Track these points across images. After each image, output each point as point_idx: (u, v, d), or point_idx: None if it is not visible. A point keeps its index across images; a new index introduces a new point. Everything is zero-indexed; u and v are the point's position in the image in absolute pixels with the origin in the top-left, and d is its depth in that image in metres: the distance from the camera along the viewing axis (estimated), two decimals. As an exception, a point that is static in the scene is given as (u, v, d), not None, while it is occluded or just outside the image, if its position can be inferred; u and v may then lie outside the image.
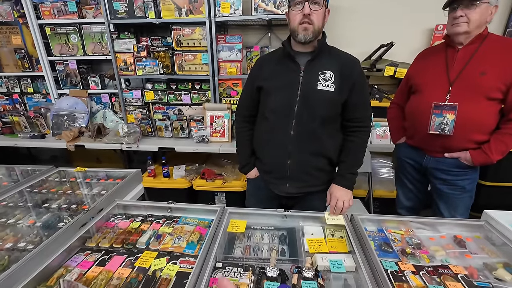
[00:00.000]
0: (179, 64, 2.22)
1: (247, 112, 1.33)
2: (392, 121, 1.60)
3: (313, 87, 1.12)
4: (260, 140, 1.29)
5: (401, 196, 1.63)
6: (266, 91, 1.20)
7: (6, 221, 1.09)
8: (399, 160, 1.60)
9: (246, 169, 1.36)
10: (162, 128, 2.39)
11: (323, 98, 1.13)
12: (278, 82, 1.17)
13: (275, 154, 1.23)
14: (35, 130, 2.56)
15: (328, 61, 1.14)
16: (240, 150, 1.38)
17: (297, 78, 1.14)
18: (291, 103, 1.15)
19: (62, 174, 1.54)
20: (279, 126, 1.19)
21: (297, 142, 1.17)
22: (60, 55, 2.45)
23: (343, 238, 1.03)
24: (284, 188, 1.26)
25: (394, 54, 2.18)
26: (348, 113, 1.20)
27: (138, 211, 1.20)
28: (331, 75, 1.12)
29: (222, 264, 0.89)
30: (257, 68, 1.26)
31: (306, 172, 1.22)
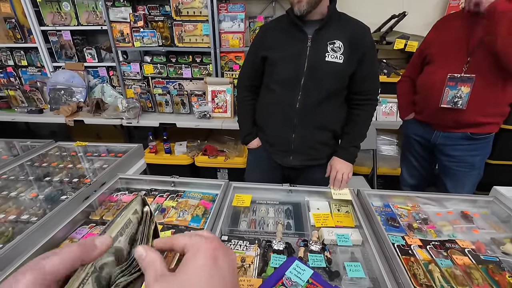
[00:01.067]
0: (179, 35, 2.11)
1: (249, 82, 1.28)
2: (402, 96, 1.54)
3: (321, 58, 1.07)
4: (264, 112, 1.26)
5: (406, 173, 1.61)
6: (271, 62, 1.15)
7: (8, 194, 1.07)
8: (406, 137, 1.56)
9: (248, 139, 1.34)
10: (162, 104, 2.33)
11: (331, 70, 1.08)
12: (284, 52, 1.12)
13: (279, 127, 1.20)
14: (32, 105, 2.50)
15: (337, 30, 1.07)
16: (242, 120, 1.35)
17: (304, 49, 1.08)
18: (297, 75, 1.10)
19: (62, 149, 1.51)
20: (285, 99, 1.15)
21: (303, 116, 1.15)
22: (53, 25, 2.32)
23: (349, 213, 1.02)
24: (287, 160, 1.25)
25: (405, 26, 2.07)
26: (356, 86, 1.15)
27: (141, 185, 1.19)
28: (340, 46, 1.07)
29: (228, 237, 0.88)
30: (261, 36, 1.19)
31: (310, 146, 1.21)
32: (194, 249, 0.28)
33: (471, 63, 1.19)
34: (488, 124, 1.27)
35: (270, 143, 1.28)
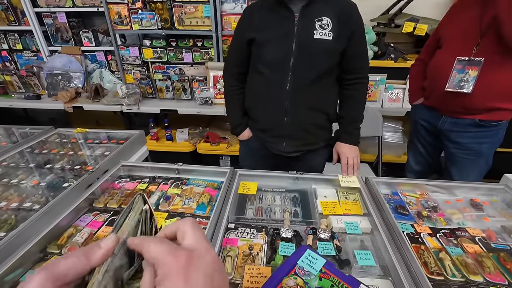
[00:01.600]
0: (179, 17, 2.03)
1: (236, 69, 1.23)
2: (413, 80, 1.50)
3: (310, 36, 1.03)
4: (254, 97, 1.22)
5: (412, 160, 1.60)
6: (258, 43, 1.10)
7: (9, 181, 1.05)
8: (414, 122, 1.53)
9: (239, 130, 1.30)
10: (163, 89, 2.27)
11: (321, 48, 1.04)
12: (271, 32, 1.07)
13: (271, 111, 1.17)
14: (29, 91, 2.44)
15: (324, 7, 1.03)
16: (231, 111, 1.30)
17: (292, 27, 1.04)
18: (286, 55, 1.06)
19: (62, 135, 1.48)
20: (275, 81, 1.11)
21: (294, 97, 1.11)
22: (47, 7, 2.23)
23: (356, 200, 1.00)
24: (280, 147, 1.22)
25: (415, 8, 1.98)
26: (346, 64, 1.12)
27: (144, 173, 1.16)
28: (328, 22, 1.03)
29: (235, 225, 0.87)
30: (247, 17, 1.13)
31: (304, 129, 1.17)
32: (162, 271, 0.25)
33: (481, 46, 1.14)
34: (498, 110, 1.22)
35: (261, 130, 1.24)
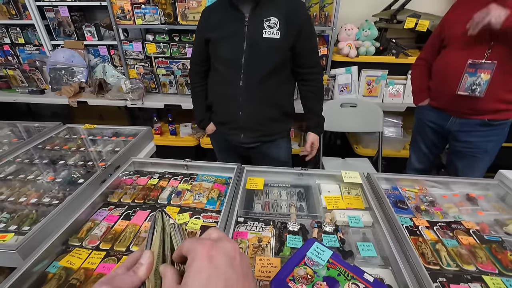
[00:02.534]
0: (182, 12, 2.03)
1: (199, 67, 1.32)
2: (417, 80, 1.48)
3: (259, 35, 1.12)
4: (213, 92, 1.33)
5: (414, 159, 1.61)
6: (213, 42, 1.20)
7: (25, 177, 1.10)
8: (419, 123, 1.53)
9: (203, 124, 1.42)
10: (166, 84, 2.29)
11: (270, 46, 1.13)
12: (224, 32, 1.17)
13: (227, 106, 1.28)
14: (32, 85, 2.46)
15: (272, 7, 1.12)
16: (195, 106, 1.42)
17: (242, 27, 1.13)
18: (238, 54, 1.15)
19: (70, 131, 1.51)
20: (229, 78, 1.22)
21: (247, 93, 1.21)
22: (49, 0, 2.22)
23: (358, 195, 1.06)
24: (238, 138, 1.32)
25: (416, 4, 1.99)
26: (298, 59, 1.22)
27: (154, 168, 1.21)
28: (276, 22, 1.12)
29: (244, 219, 0.92)
30: (205, 18, 1.23)
31: (258, 122, 1.28)
32: (191, 256, 0.30)
33: (493, 48, 1.13)
34: (507, 110, 1.25)
35: (221, 123, 1.36)
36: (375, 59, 2.01)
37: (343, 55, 2.03)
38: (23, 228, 0.85)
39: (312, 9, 1.99)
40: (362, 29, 1.98)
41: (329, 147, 2.54)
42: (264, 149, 1.39)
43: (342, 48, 2.02)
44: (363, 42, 1.99)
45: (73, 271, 0.73)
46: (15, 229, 0.85)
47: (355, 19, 2.10)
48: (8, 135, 1.46)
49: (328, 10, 1.96)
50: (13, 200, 0.97)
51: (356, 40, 2.01)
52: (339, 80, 2.07)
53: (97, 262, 0.76)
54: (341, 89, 2.10)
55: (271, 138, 1.35)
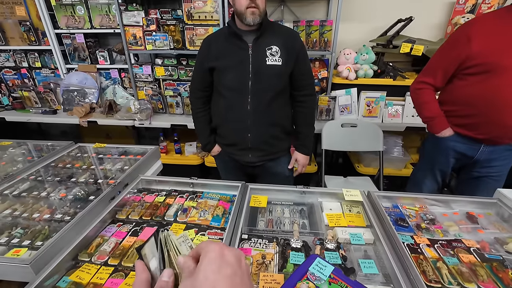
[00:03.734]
0: (190, 38, 2.17)
1: (201, 93, 1.40)
2: (430, 104, 1.34)
3: (263, 63, 1.22)
4: (219, 117, 1.40)
5: (425, 188, 1.51)
6: (218, 70, 1.28)
7: (38, 194, 1.14)
8: (440, 154, 1.40)
9: (209, 147, 1.49)
10: (173, 105, 2.39)
11: (274, 72, 1.23)
12: (229, 60, 1.25)
13: (235, 129, 1.35)
14: (45, 106, 2.57)
15: (272, 37, 1.23)
16: (199, 131, 1.48)
17: (247, 56, 1.22)
18: (245, 80, 1.24)
19: (81, 150, 1.58)
20: (236, 103, 1.29)
21: (255, 116, 1.29)
22: (67, 28, 2.38)
23: (360, 213, 1.08)
24: (246, 158, 1.40)
25: (411, 30, 2.11)
26: (295, 82, 1.32)
27: (161, 186, 1.25)
28: (277, 50, 1.22)
29: (248, 236, 0.95)
30: (205, 48, 1.31)
31: (265, 142, 1.36)
32: (205, 250, 0.35)
33: None
34: None
35: (229, 145, 1.42)
36: (374, 81, 2.10)
37: (343, 78, 2.12)
38: (36, 243, 0.88)
39: (312, 35, 2.11)
40: (360, 53, 2.08)
41: (331, 166, 2.57)
42: (268, 166, 1.45)
43: (342, 71, 2.12)
44: (362, 66, 2.08)
45: (82, 286, 0.76)
46: (28, 244, 0.88)
47: (353, 44, 2.22)
48: (22, 154, 1.53)
49: (328, 36, 2.08)
50: (27, 216, 1.01)
51: (354, 64, 2.11)
52: (339, 101, 2.15)
53: (105, 277, 0.78)
54: (342, 110, 2.17)
55: (275, 156, 1.42)
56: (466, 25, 1.25)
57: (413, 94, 1.42)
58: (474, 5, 2.09)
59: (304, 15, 2.32)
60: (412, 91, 1.42)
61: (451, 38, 1.29)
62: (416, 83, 1.40)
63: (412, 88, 1.43)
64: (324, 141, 1.89)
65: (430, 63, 1.37)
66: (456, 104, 1.29)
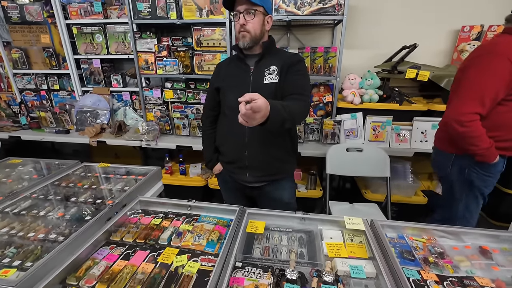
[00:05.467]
0: (199, 64, 2.26)
1: (211, 112, 1.47)
2: (484, 137, 1.31)
3: (261, 82, 1.27)
4: (221, 135, 1.45)
5: (474, 221, 1.51)
6: (223, 91, 1.36)
7: (37, 213, 1.15)
8: (494, 177, 1.41)
9: (211, 164, 1.52)
10: (180, 127, 2.44)
11: (270, 90, 1.25)
12: (232, 82, 1.34)
13: (234, 146, 1.38)
14: (60, 126, 2.68)
15: (272, 59, 1.29)
16: (205, 148, 1.54)
17: (248, 77, 1.29)
18: None
19: (87, 169, 1.60)
20: (235, 121, 1.21)
21: (252, 134, 1.31)
22: (85, 54, 2.55)
23: (362, 243, 1.02)
24: (244, 177, 1.39)
25: (416, 56, 2.13)
26: (286, 89, 1.24)
27: (159, 208, 1.23)
28: (274, 69, 1.27)
29: (242, 264, 0.90)
30: (216, 72, 1.44)
31: (262, 161, 1.35)
32: None
33: None
34: None
35: (228, 162, 1.44)
36: (379, 106, 2.09)
37: (348, 102, 2.12)
38: (26, 264, 0.87)
39: (317, 61, 2.16)
40: (365, 78, 2.10)
41: (338, 191, 2.50)
42: (268, 190, 1.42)
43: (347, 96, 2.12)
44: (367, 91, 2.09)
45: (65, 312, 0.73)
46: (18, 264, 0.87)
47: (358, 70, 2.25)
48: (29, 172, 1.57)
49: (332, 62, 2.12)
50: (22, 235, 1.01)
51: (359, 89, 2.11)
52: (345, 125, 2.13)
53: (89, 304, 0.75)
54: (347, 134, 2.14)
55: (274, 177, 1.40)
56: (503, 48, 1.23)
57: (466, 127, 1.30)
58: (479, 32, 2.11)
59: (309, 42, 2.39)
60: (463, 124, 1.30)
61: (493, 65, 1.24)
62: (467, 115, 1.29)
63: (461, 120, 1.30)
64: (328, 166, 1.85)
65: (475, 93, 1.28)
66: (501, 130, 1.31)
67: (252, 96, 0.97)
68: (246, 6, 1.19)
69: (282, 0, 1.96)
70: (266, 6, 1.23)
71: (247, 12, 1.19)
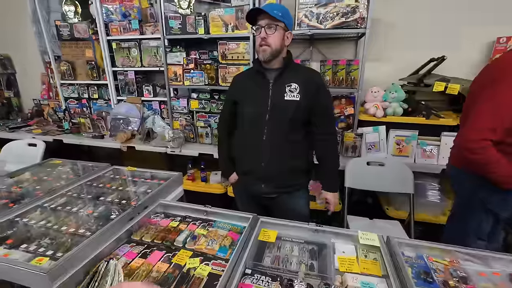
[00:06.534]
0: (223, 76, 2.36)
1: (227, 123, 1.52)
2: (501, 162, 1.18)
3: (281, 98, 1.30)
4: (238, 146, 1.49)
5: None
6: (241, 104, 1.41)
7: (71, 209, 1.27)
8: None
9: (227, 174, 1.56)
10: (203, 135, 2.54)
11: (291, 106, 1.29)
12: (251, 95, 1.37)
13: (250, 157, 1.41)
14: (96, 131, 2.92)
15: (292, 75, 1.32)
16: (221, 158, 1.58)
17: (267, 91, 1.33)
18: (263, 113, 1.32)
19: (116, 172, 1.73)
20: (253, 133, 1.37)
21: (269, 146, 1.35)
22: (122, 66, 2.78)
23: (377, 260, 0.98)
24: (260, 188, 1.42)
25: (445, 69, 2.03)
26: (314, 118, 1.35)
27: (177, 211, 1.30)
28: (296, 87, 1.30)
29: (251, 271, 0.92)
30: (232, 85, 1.50)
31: (278, 173, 1.38)
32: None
33: None
34: None
35: (244, 173, 1.47)
36: (404, 119, 2.02)
37: (370, 115, 2.08)
38: (57, 254, 0.97)
39: (339, 73, 2.15)
40: (389, 91, 2.05)
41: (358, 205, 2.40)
42: (282, 199, 1.44)
43: (369, 109, 2.08)
44: (390, 104, 2.03)
45: (86, 301, 0.79)
46: (51, 254, 0.97)
47: (381, 82, 2.20)
48: (67, 172, 1.73)
49: (354, 75, 2.10)
50: (56, 228, 1.12)
51: (383, 102, 2.07)
52: (366, 138, 2.08)
53: (108, 296, 0.81)
54: (369, 147, 2.09)
55: (289, 189, 1.42)
56: None
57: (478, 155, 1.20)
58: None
59: (332, 55, 2.40)
60: (480, 151, 1.19)
61: None
62: (479, 141, 1.17)
63: (479, 147, 1.18)
64: (347, 179, 1.81)
65: (493, 118, 1.14)
66: None
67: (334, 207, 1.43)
68: (268, 21, 1.25)
69: (305, 15, 2.01)
70: (287, 22, 1.28)
71: (268, 26, 1.25)
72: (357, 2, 1.89)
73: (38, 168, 1.78)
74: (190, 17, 2.31)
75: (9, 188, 1.49)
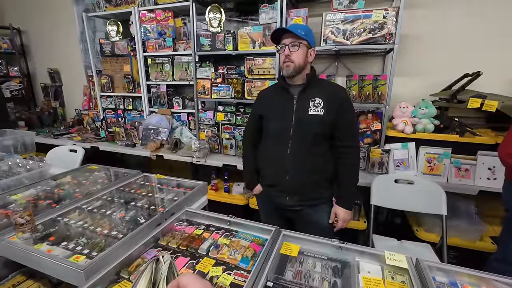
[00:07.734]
0: (249, 90, 2.44)
1: (252, 136, 1.56)
2: None
3: (306, 112, 1.34)
4: (264, 159, 1.52)
5: None
6: (267, 118, 1.46)
7: (105, 212, 1.36)
8: None
9: (251, 185, 1.59)
10: (227, 146, 2.61)
11: (315, 120, 1.32)
12: (276, 110, 1.41)
13: (275, 170, 1.44)
14: (129, 140, 3.12)
15: (316, 90, 1.35)
16: (246, 170, 1.62)
17: (292, 106, 1.37)
18: (287, 127, 1.36)
19: (146, 179, 1.83)
20: (278, 147, 1.40)
21: (293, 160, 1.37)
22: (155, 80, 2.98)
23: (405, 283, 0.94)
24: (284, 200, 1.44)
25: (481, 85, 1.94)
26: (337, 133, 1.37)
27: (202, 220, 1.34)
28: (320, 102, 1.33)
29: (273, 284, 0.92)
30: (258, 100, 1.55)
31: (302, 186, 1.39)
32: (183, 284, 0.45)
33: None
34: None
35: (269, 185, 1.50)
36: (436, 136, 1.93)
37: (398, 131, 2.02)
38: (92, 253, 1.04)
39: (366, 88, 2.14)
40: (418, 107, 1.99)
41: (386, 225, 2.30)
42: (306, 212, 1.44)
43: (397, 124, 2.03)
44: (420, 120, 1.96)
45: (117, 300, 0.84)
46: (87, 253, 1.04)
47: (410, 98, 2.14)
48: (102, 177, 1.86)
49: (382, 90, 2.07)
50: (92, 229, 1.21)
51: (412, 117, 2.00)
52: (394, 155, 2.01)
53: (136, 297, 0.85)
54: (397, 164, 2.01)
55: (313, 202, 1.42)
56: None
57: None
58: None
59: (358, 70, 2.39)
60: None
61: None
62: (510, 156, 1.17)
63: None
64: (373, 196, 1.75)
65: None
66: None
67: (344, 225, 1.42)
68: (292, 39, 1.31)
69: (331, 32, 2.05)
70: (309, 40, 1.33)
71: (292, 44, 1.31)
72: (385, 18, 1.89)
73: (77, 172, 1.93)
74: (220, 34, 2.45)
75: (52, 190, 1.63)
